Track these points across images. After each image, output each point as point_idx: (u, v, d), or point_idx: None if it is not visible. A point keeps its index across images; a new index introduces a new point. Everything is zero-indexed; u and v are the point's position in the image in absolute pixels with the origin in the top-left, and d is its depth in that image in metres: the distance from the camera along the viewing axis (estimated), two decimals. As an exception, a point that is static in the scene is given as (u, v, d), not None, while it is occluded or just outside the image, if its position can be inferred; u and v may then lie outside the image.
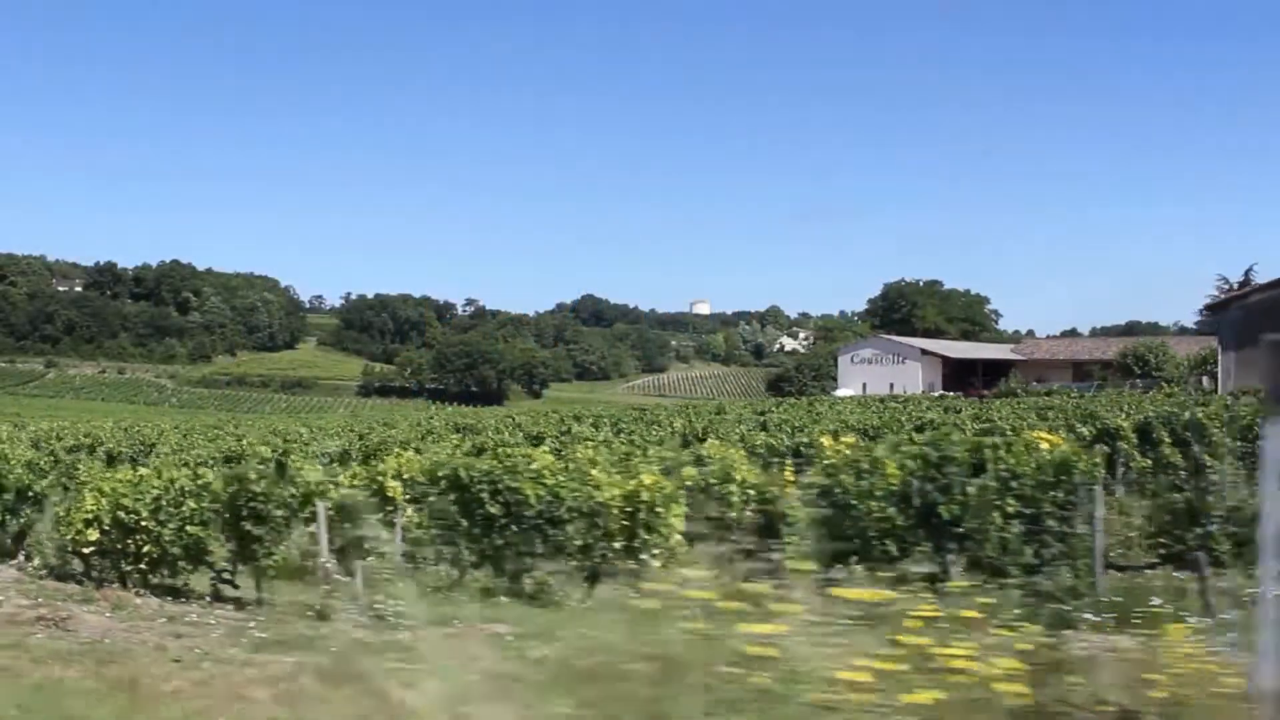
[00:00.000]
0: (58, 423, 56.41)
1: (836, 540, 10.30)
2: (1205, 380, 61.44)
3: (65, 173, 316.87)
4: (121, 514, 12.65)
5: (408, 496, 12.88)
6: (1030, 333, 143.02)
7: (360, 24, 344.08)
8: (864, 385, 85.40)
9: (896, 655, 3.50)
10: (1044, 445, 10.60)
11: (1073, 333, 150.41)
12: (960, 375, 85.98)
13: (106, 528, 12.98)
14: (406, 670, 4.61)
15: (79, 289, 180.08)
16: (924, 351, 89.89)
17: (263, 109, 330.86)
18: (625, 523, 11.18)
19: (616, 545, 11.25)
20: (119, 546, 12.89)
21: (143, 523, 12.60)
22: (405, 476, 12.79)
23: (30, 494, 14.58)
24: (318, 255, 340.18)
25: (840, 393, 79.61)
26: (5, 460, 15.16)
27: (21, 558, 14.81)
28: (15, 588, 13.47)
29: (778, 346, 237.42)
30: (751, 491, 12.96)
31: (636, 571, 11.42)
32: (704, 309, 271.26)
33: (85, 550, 13.39)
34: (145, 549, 12.69)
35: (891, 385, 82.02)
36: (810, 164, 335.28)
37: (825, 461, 15.05)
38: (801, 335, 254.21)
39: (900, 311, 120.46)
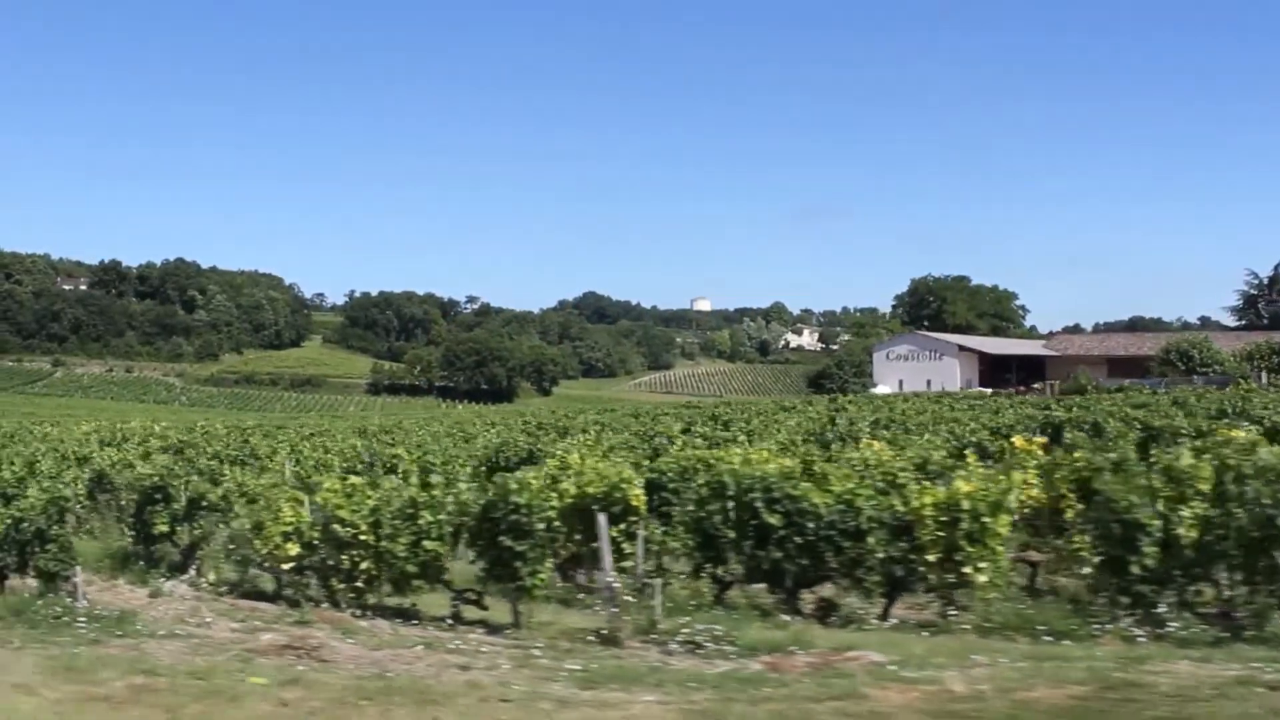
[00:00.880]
0: (95, 422, 54.72)
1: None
2: (1265, 375, 60.30)
3: (68, 171, 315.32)
4: (337, 527, 11.27)
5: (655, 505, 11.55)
6: (1034, 328, 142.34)
7: (363, 23, 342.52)
8: (900, 382, 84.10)
9: None
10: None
11: (1076, 329, 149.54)
12: (994, 372, 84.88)
13: (315, 541, 11.60)
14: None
15: (84, 287, 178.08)
16: (961, 348, 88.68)
17: (262, 107, 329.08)
18: (940, 534, 9.85)
19: (930, 559, 9.91)
20: (330, 563, 11.50)
21: (361, 536, 11.22)
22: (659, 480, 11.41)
23: (204, 503, 13.18)
24: (317, 253, 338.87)
25: (878, 390, 78.39)
26: (160, 466, 13.78)
27: (192, 572, 13.42)
28: (208, 608, 12.10)
29: (783, 343, 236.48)
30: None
31: (953, 588, 10.12)
32: (704, 306, 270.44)
33: (284, 566, 12.02)
34: (363, 565, 11.31)
35: (929, 382, 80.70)
36: (807, 163, 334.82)
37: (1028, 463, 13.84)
38: (806, 332, 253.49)
39: (929, 307, 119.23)
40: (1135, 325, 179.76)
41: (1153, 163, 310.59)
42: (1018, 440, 17.52)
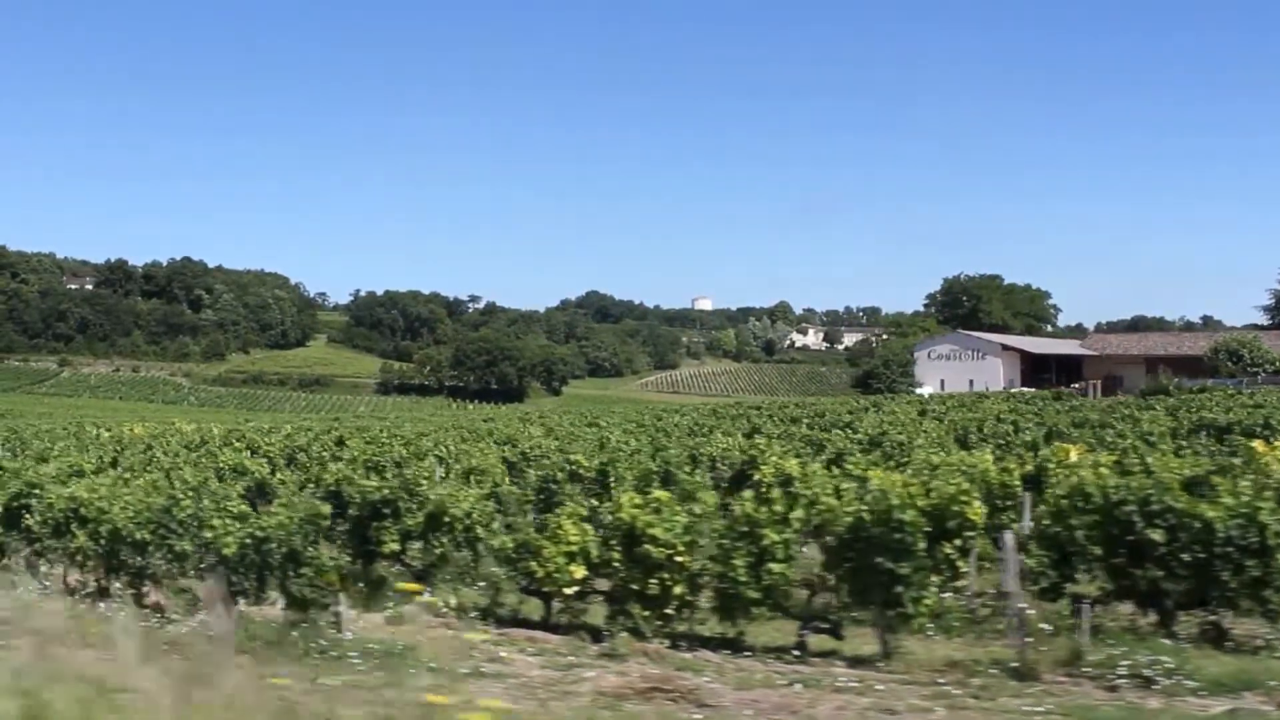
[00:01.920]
0: (144, 424, 53.23)
1: None
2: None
3: (73, 170, 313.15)
4: (648, 546, 9.96)
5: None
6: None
7: (368, 23, 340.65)
8: (941, 382, 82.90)
9: None
10: None
11: (1079, 328, 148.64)
12: (1034, 371, 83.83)
13: (614, 563, 10.30)
14: None
15: (89, 287, 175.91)
16: (1004, 347, 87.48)
17: (266, 106, 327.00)
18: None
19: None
20: (634, 587, 10.20)
21: (677, 557, 9.93)
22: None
23: (446, 519, 11.86)
24: (320, 252, 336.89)
25: (923, 390, 77.17)
26: (390, 479, 12.46)
27: (427, 595, 12.07)
28: (479, 639, 10.77)
29: (788, 342, 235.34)
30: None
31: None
32: (706, 305, 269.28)
33: (566, 590, 10.72)
34: (676, 590, 10.01)
35: (970, 382, 79.58)
36: (806, 162, 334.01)
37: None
38: (811, 331, 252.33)
39: (964, 306, 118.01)
40: (1138, 325, 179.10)
41: (1149, 161, 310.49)
42: (1258, 445, 16.39)
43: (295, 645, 10.23)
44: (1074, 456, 16.14)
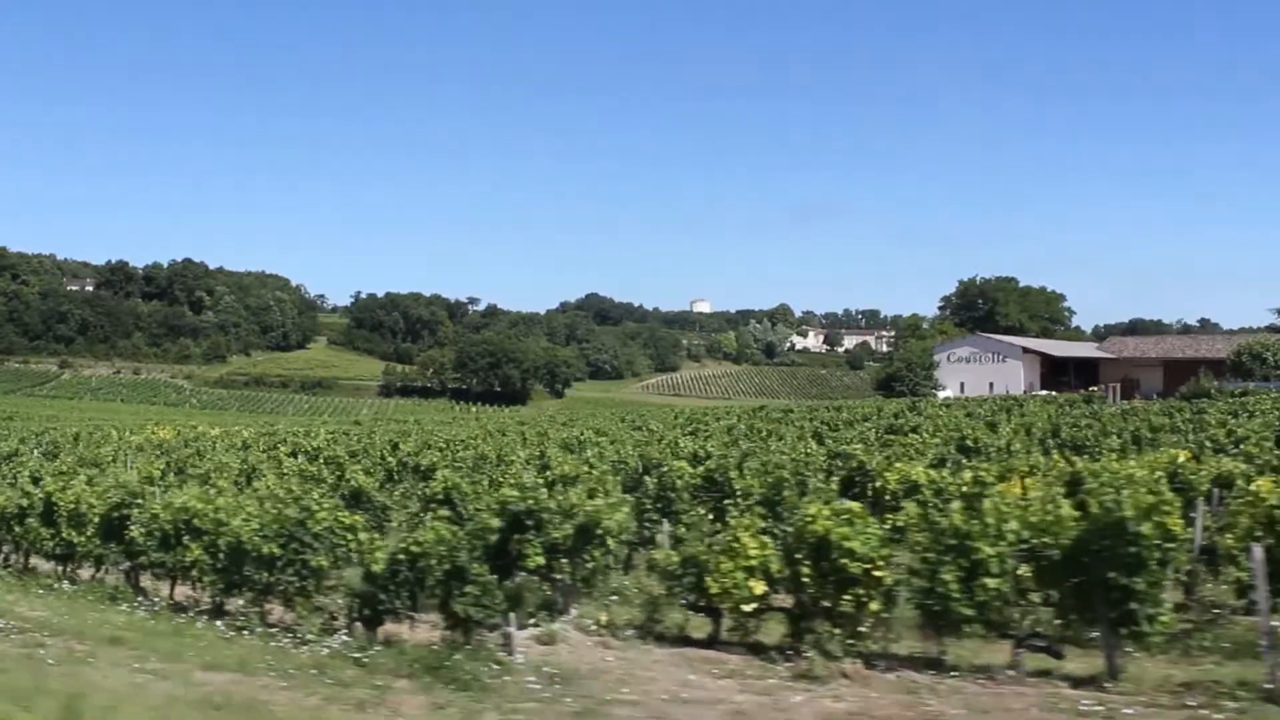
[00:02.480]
0: (169, 427, 52.25)
1: None
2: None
3: (73, 171, 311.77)
4: (843, 560, 9.24)
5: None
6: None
7: (369, 27, 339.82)
8: (961, 385, 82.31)
9: None
10: None
11: (1076, 331, 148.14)
12: (1052, 374, 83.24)
13: (805, 578, 9.57)
14: None
15: (90, 288, 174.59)
16: (1025, 350, 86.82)
17: (263, 109, 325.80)
18: None
19: None
20: (824, 603, 9.48)
21: (875, 571, 9.22)
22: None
23: (599, 531, 11.11)
24: (319, 254, 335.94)
25: (945, 394, 76.51)
26: (528, 490, 11.70)
27: (574, 612, 11.34)
28: (650, 660, 10.04)
29: (788, 345, 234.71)
30: None
31: None
32: (704, 308, 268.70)
33: (745, 608, 10.00)
34: (871, 606, 9.29)
35: (991, 385, 78.90)
36: (802, 165, 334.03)
37: None
38: (811, 334, 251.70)
39: (979, 309, 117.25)
40: (1135, 328, 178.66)
41: (1147, 164, 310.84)
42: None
43: (459, 669, 9.49)
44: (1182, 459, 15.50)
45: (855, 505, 9.71)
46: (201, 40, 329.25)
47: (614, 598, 11.95)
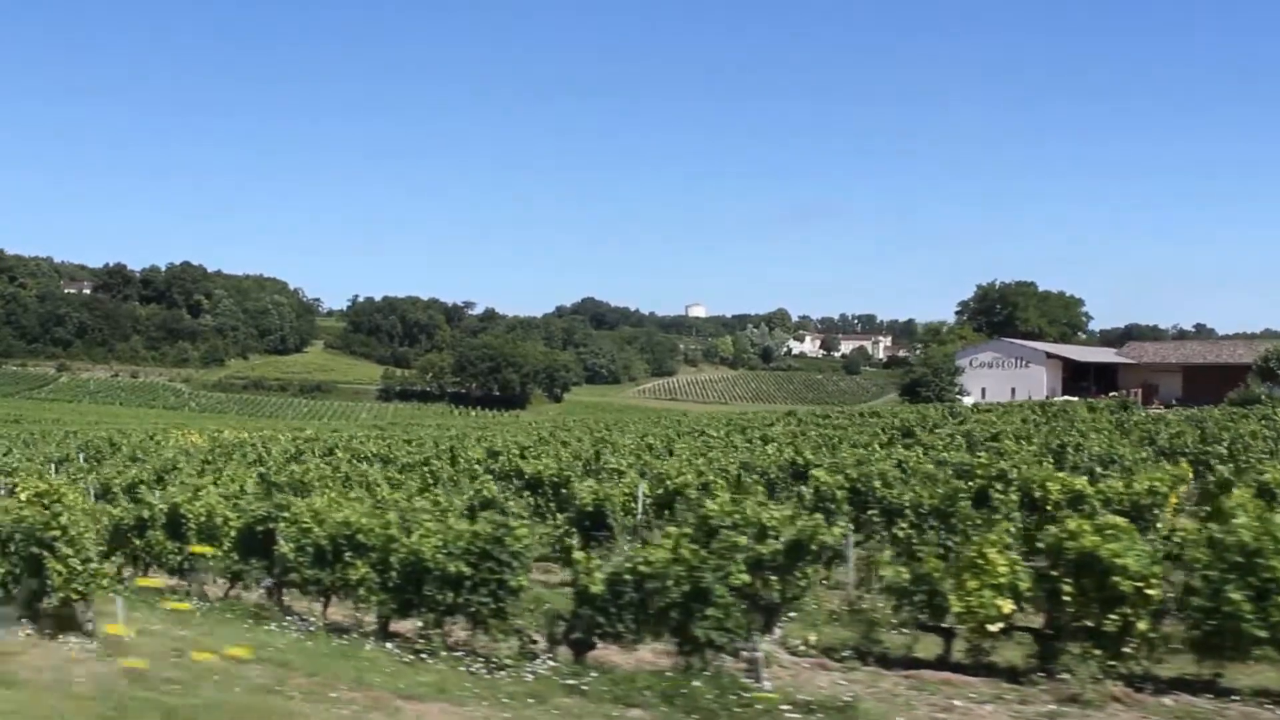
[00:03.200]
0: (200, 433, 51.35)
1: None
2: None
3: (68, 174, 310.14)
4: (1115, 578, 8.60)
5: None
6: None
7: (365, 31, 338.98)
8: (983, 390, 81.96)
9: None
10: None
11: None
12: (1074, 379, 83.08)
13: (1065, 596, 8.91)
14: None
15: (87, 291, 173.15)
16: (1048, 355, 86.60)
17: (258, 111, 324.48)
18: None
19: None
20: (1086, 623, 8.83)
21: (1147, 590, 8.59)
22: None
23: (812, 548, 10.37)
24: (315, 257, 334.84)
25: (967, 399, 76.05)
26: (724, 501, 11.04)
27: (776, 633, 10.65)
28: (888, 685, 9.36)
29: (785, 350, 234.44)
30: None
31: None
32: (700, 312, 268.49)
33: (990, 628, 9.35)
34: (1139, 625, 8.66)
35: (1013, 390, 78.59)
36: (798, 170, 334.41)
37: None
38: (808, 338, 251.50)
39: (998, 314, 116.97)
40: (1131, 333, 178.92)
41: (1146, 166, 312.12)
42: None
43: (700, 697, 8.80)
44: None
45: (1120, 520, 9.08)
46: (198, 42, 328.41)
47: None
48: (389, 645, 11.11)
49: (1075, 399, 69.46)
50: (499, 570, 10.22)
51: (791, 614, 11.10)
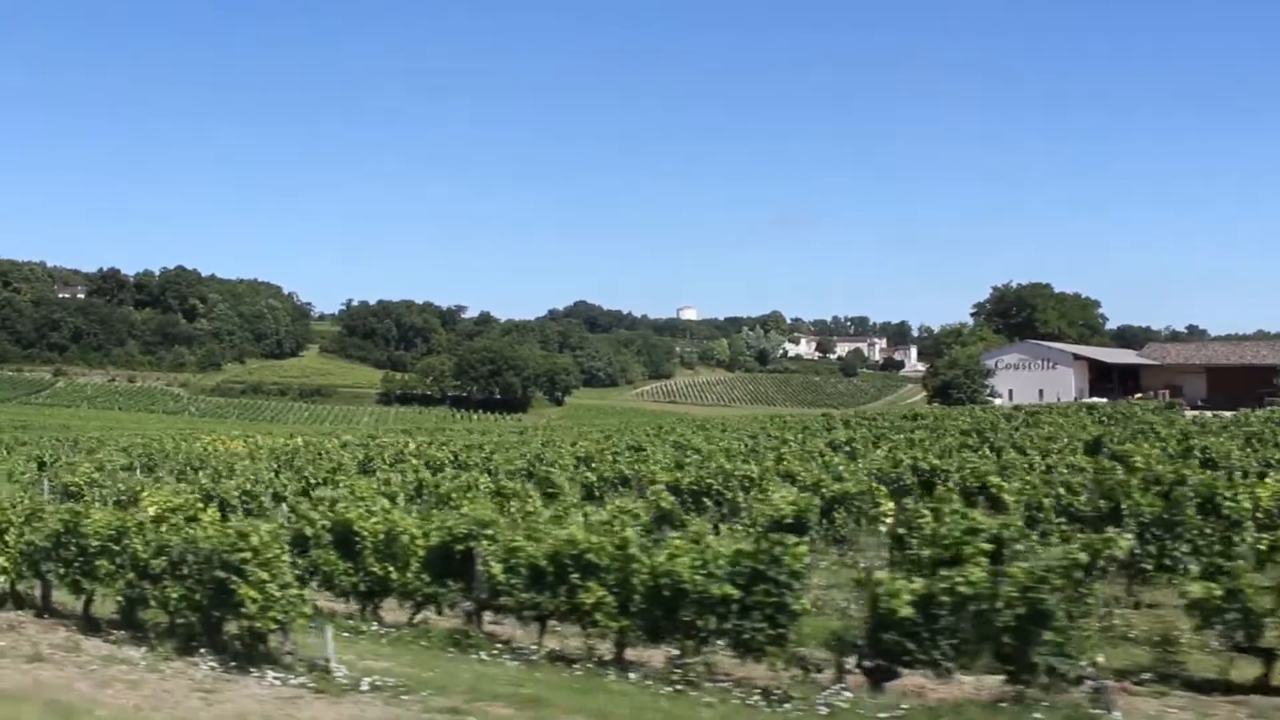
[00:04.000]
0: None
1: None
2: None
3: (62, 178, 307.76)
4: None
5: None
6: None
7: (359, 35, 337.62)
8: (1010, 392, 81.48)
9: None
10: None
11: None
12: (1099, 380, 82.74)
13: None
14: None
15: (81, 295, 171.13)
16: (1076, 356, 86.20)
17: (253, 116, 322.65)
18: None
19: None
20: None
21: None
22: None
23: (1099, 563, 9.51)
24: (309, 261, 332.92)
25: (997, 401, 75.46)
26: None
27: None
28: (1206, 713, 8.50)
29: (780, 352, 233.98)
30: None
31: None
32: (691, 314, 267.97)
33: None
34: None
35: (1041, 392, 78.18)
36: (789, 172, 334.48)
37: None
38: (804, 341, 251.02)
39: (1017, 316, 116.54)
40: (1123, 335, 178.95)
41: (1145, 167, 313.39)
42: None
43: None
44: None
45: None
46: (192, 48, 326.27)
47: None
48: (632, 675, 10.18)
49: (1103, 400, 68.96)
50: (776, 592, 9.33)
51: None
